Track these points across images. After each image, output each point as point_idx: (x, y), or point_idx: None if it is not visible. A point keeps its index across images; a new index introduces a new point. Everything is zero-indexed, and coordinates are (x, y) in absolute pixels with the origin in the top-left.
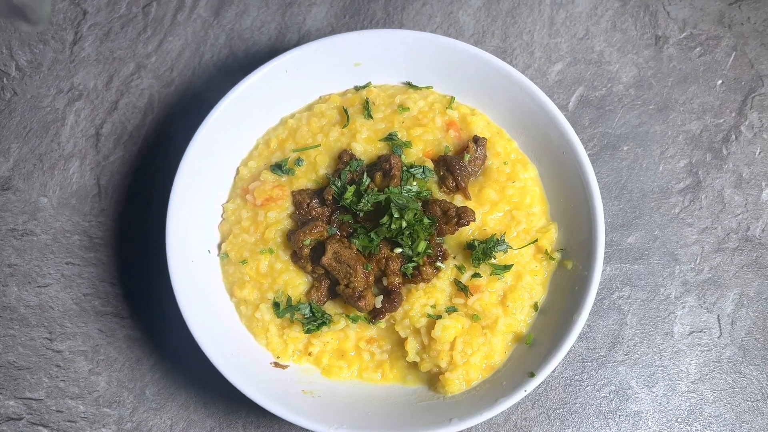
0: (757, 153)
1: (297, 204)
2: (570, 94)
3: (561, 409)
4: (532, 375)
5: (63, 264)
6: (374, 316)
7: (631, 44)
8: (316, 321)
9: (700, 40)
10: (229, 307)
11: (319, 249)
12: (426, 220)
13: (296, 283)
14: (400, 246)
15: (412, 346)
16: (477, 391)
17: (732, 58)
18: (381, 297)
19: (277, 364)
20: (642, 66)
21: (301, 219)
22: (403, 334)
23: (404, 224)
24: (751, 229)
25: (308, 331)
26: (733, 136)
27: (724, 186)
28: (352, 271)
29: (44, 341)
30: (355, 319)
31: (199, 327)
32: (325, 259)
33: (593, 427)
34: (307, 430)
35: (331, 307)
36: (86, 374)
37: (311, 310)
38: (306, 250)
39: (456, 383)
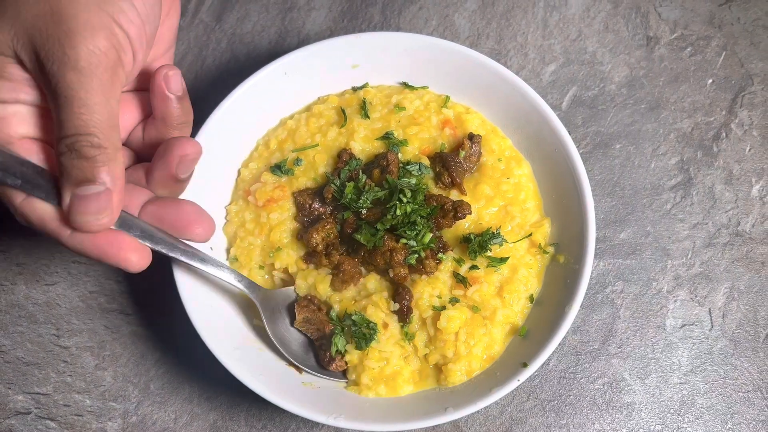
0: (747, 150)
1: (299, 205)
2: (563, 94)
3: (556, 401)
4: (525, 365)
5: (69, 262)
6: (403, 319)
7: (623, 45)
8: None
9: (691, 40)
10: (230, 303)
11: (332, 245)
12: (427, 206)
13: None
14: (404, 238)
15: (420, 340)
16: (472, 381)
17: (722, 57)
18: (394, 303)
19: (290, 363)
20: (634, 66)
21: (306, 219)
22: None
23: (410, 209)
24: (741, 224)
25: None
26: (724, 134)
27: (714, 182)
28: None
29: (52, 337)
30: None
31: (201, 322)
32: (296, 324)
33: (587, 418)
34: (306, 420)
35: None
36: (92, 369)
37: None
38: (320, 247)
39: (458, 374)
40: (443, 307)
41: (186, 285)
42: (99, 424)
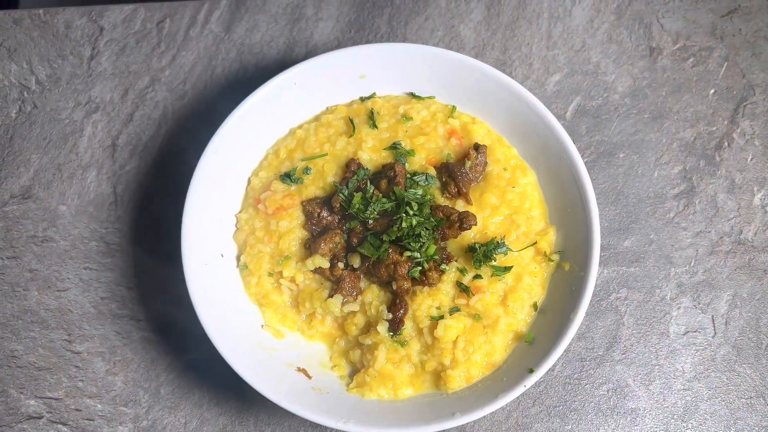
0: (749, 159)
1: (308, 214)
2: (567, 104)
3: (561, 407)
4: (531, 371)
5: (81, 269)
6: (394, 330)
7: (626, 55)
8: None
9: (693, 51)
10: (241, 307)
11: (337, 257)
12: (433, 219)
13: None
14: (408, 250)
15: (414, 349)
16: (479, 387)
17: (724, 68)
18: (388, 313)
19: (299, 369)
20: (637, 76)
21: (314, 228)
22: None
23: (416, 222)
24: (743, 232)
25: None
26: (726, 144)
27: (717, 191)
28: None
29: (63, 343)
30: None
31: (212, 326)
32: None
33: (592, 423)
34: (316, 424)
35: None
36: (104, 374)
37: None
38: (326, 258)
39: (457, 380)
40: (441, 317)
41: (197, 290)
42: (110, 429)
